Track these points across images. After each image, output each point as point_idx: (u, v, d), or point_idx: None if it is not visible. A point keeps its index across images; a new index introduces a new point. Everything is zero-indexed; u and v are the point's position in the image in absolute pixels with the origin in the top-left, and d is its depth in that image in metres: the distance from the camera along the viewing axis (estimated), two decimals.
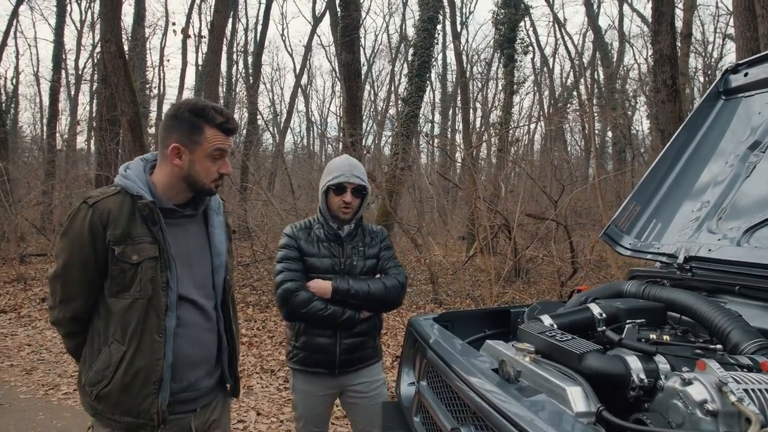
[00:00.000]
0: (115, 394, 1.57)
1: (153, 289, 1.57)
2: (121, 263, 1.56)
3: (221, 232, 1.79)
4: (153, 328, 1.57)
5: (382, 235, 2.54)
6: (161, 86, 24.60)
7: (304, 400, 2.43)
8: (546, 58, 23.53)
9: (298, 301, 2.28)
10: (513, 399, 1.14)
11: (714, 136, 2.32)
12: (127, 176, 1.62)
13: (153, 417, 1.57)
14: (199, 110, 1.61)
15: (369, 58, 29.53)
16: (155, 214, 1.57)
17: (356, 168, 2.41)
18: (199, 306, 1.69)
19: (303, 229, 2.46)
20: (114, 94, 8.17)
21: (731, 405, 0.95)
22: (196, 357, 1.68)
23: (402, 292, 2.41)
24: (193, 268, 1.70)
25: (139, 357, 1.56)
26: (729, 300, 1.82)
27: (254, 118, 19.46)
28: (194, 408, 1.71)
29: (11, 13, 18.50)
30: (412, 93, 12.63)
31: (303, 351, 2.39)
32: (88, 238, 1.55)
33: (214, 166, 1.65)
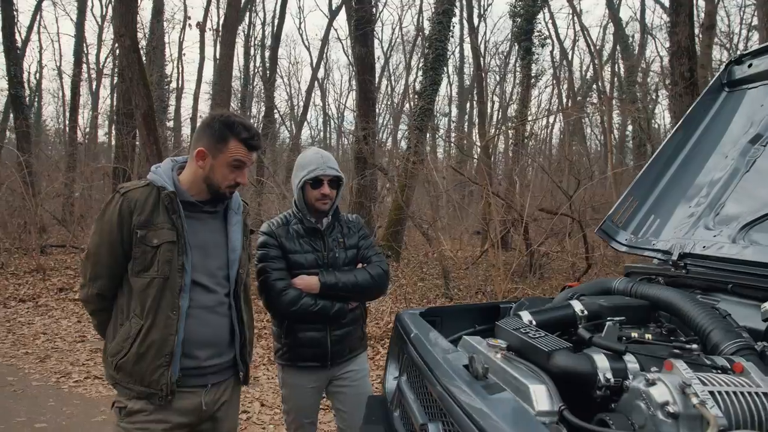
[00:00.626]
0: (130, 363, 1.74)
1: (169, 270, 1.75)
2: (143, 245, 1.75)
3: (238, 230, 1.95)
4: (168, 305, 1.75)
5: (359, 224, 2.54)
6: (180, 80, 24.88)
7: (294, 393, 2.43)
8: (565, 50, 23.16)
9: (288, 300, 2.26)
10: (476, 396, 1.12)
11: (716, 130, 2.25)
12: (156, 172, 1.85)
13: (162, 387, 1.73)
14: (229, 124, 1.81)
15: (386, 52, 29.43)
16: (175, 204, 1.77)
17: (329, 160, 2.41)
18: (211, 290, 1.85)
19: (281, 225, 2.42)
20: (128, 88, 8.27)
21: (693, 407, 0.92)
22: (205, 337, 1.84)
23: (387, 279, 2.43)
24: (208, 258, 1.87)
25: (154, 330, 1.74)
26: (722, 298, 1.76)
27: (270, 112, 19.53)
28: (205, 384, 1.86)
29: (34, 8, 18.89)
30: (427, 87, 12.53)
31: (293, 347, 2.38)
32: (117, 222, 1.76)
33: (232, 175, 1.83)
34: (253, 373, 5.29)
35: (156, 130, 8.24)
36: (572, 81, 21.81)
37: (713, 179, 2.08)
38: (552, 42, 22.32)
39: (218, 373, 1.90)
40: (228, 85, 9.12)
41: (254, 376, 5.18)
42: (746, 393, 0.97)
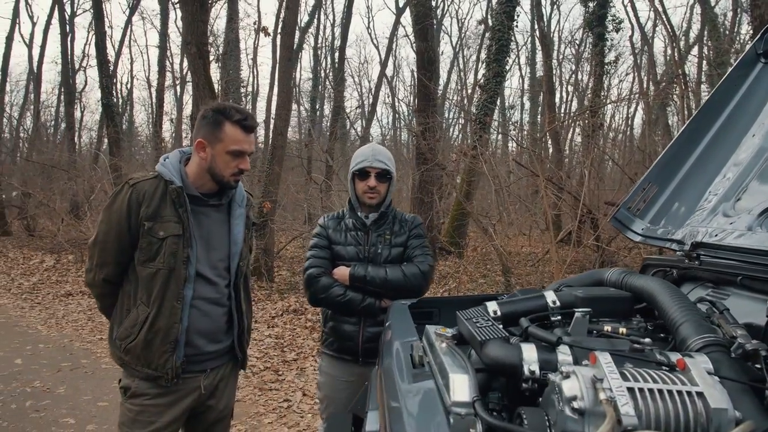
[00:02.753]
0: (139, 348, 1.84)
1: (175, 262, 1.82)
2: (150, 237, 1.82)
3: (241, 222, 2.01)
4: (173, 295, 1.83)
5: (414, 224, 2.51)
6: (255, 84, 26.00)
7: (328, 382, 2.50)
8: (646, 34, 21.65)
9: (319, 287, 2.36)
10: (401, 384, 1.08)
11: (750, 106, 2.01)
12: (164, 164, 1.89)
13: (168, 371, 1.84)
14: (221, 109, 1.86)
15: (455, 46, 29.03)
16: (182, 198, 1.83)
17: (380, 153, 2.43)
18: (212, 282, 1.93)
19: (334, 218, 2.54)
20: (195, 93, 8.77)
21: (600, 404, 0.83)
22: (204, 326, 1.92)
23: (423, 280, 2.36)
24: (210, 250, 1.94)
25: (160, 319, 1.82)
26: (733, 292, 1.58)
27: (338, 111, 19.94)
28: (204, 369, 1.96)
29: (125, 23, 20.55)
30: (490, 79, 12.22)
31: (330, 336, 2.47)
32: (126, 212, 1.83)
33: (234, 162, 1.87)
34: (301, 364, 5.45)
35: None
36: (653, 67, 20.36)
37: (738, 161, 1.86)
38: (632, 26, 20.98)
39: (216, 358, 2.00)
40: (288, 86, 9.40)
41: (301, 367, 5.34)
42: (674, 391, 0.86)
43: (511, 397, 1.15)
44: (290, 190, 12.68)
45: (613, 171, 15.74)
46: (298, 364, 5.45)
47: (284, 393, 4.67)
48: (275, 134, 9.38)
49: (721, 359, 1.03)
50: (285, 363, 5.51)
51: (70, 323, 6.93)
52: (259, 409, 4.33)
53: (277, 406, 4.40)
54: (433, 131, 10.42)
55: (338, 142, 20.84)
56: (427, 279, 2.38)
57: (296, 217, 14.47)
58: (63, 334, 6.41)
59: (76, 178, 14.07)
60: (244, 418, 4.14)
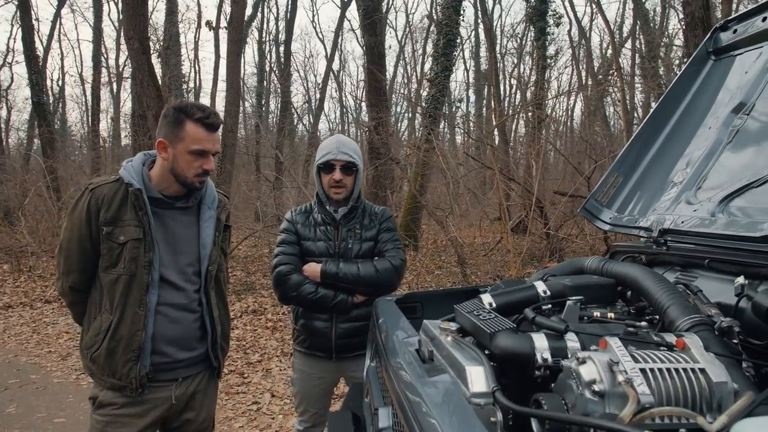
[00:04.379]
0: (103, 357, 1.78)
1: (136, 268, 1.76)
2: (110, 242, 1.77)
3: (210, 225, 1.94)
4: (135, 302, 1.77)
5: (384, 217, 2.46)
6: (197, 79, 25.19)
7: (301, 378, 2.47)
8: (583, 29, 22.58)
9: (290, 284, 2.30)
10: (416, 378, 1.11)
11: (703, 100, 2.16)
12: (126, 167, 1.83)
13: (132, 381, 1.77)
14: (182, 107, 1.79)
15: (401, 40, 29.23)
16: (141, 201, 1.77)
17: (344, 145, 2.36)
18: (179, 288, 1.86)
19: (302, 213, 2.47)
20: (139, 90, 8.41)
21: (619, 385, 0.89)
22: (174, 334, 1.85)
23: (395, 275, 2.34)
24: (177, 254, 1.87)
25: (123, 326, 1.76)
26: (701, 274, 1.71)
27: (286, 107, 19.63)
28: (175, 378, 1.88)
29: (53, 16, 19.32)
30: (438, 73, 12.39)
31: (302, 334, 2.43)
32: (85, 218, 1.78)
33: (197, 162, 1.80)
34: (266, 365, 5.38)
35: None
36: (591, 60, 21.29)
37: (697, 152, 2.00)
38: (570, 21, 21.82)
39: (189, 367, 1.92)
40: (237, 82, 9.19)
41: (267, 369, 5.27)
42: (680, 369, 0.94)
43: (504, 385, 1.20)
44: (241, 188, 12.42)
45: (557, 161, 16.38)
46: (263, 366, 5.38)
47: (252, 396, 4.60)
48: (225, 132, 9.15)
49: (708, 337, 1.12)
50: (249, 365, 5.43)
51: (13, 337, 6.52)
52: (227, 413, 4.25)
53: (246, 409, 4.33)
54: (386, 125, 10.48)
55: (287, 138, 20.54)
56: (399, 273, 2.36)
57: (247, 215, 14.20)
58: (6, 350, 6.02)
59: (7, 182, 13.19)
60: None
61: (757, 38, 2.00)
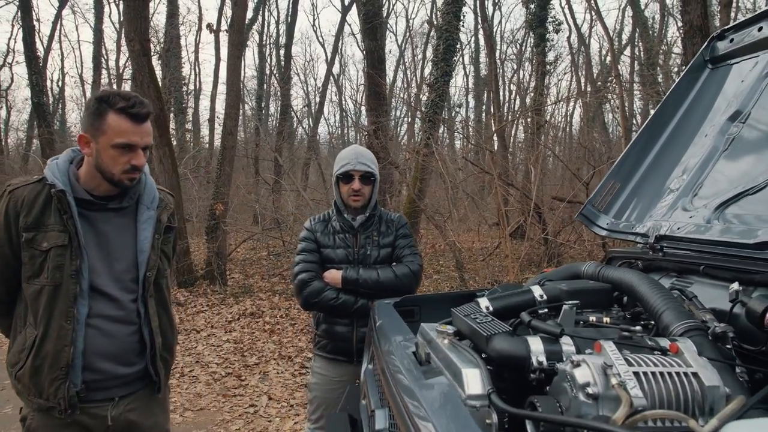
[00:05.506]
0: (27, 375, 1.62)
1: (61, 277, 1.59)
2: (32, 249, 1.59)
3: (149, 227, 1.75)
4: (61, 314, 1.59)
5: (400, 223, 2.54)
6: (197, 81, 25.23)
7: (321, 383, 2.50)
8: (582, 36, 22.68)
9: (311, 291, 2.36)
10: (413, 380, 1.12)
11: (700, 108, 2.18)
12: (50, 166, 1.65)
13: (60, 401, 1.59)
14: (103, 97, 1.60)
15: (401, 44, 29.33)
16: (64, 203, 1.59)
17: (363, 156, 2.45)
18: (114, 299, 1.68)
19: (321, 221, 2.54)
20: (139, 92, 8.43)
21: (612, 388, 0.90)
22: (107, 348, 1.67)
23: (414, 280, 2.42)
24: (112, 260, 1.69)
25: (48, 342, 1.59)
26: (696, 281, 1.72)
27: (286, 110, 19.67)
28: (111, 397, 1.71)
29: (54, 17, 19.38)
30: (438, 78, 12.44)
31: (324, 338, 2.48)
32: (4, 222, 1.61)
33: (123, 158, 1.61)
34: (263, 368, 5.38)
35: (168, 132, 8.40)
36: (590, 66, 21.38)
37: (693, 159, 2.02)
38: (569, 27, 21.92)
39: (126, 385, 1.74)
40: (237, 85, 9.21)
41: (264, 371, 5.27)
42: (673, 373, 0.95)
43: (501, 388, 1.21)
44: (240, 190, 12.43)
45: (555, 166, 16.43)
46: (261, 368, 5.38)
47: (249, 398, 4.60)
48: (225, 134, 9.16)
49: (702, 342, 1.14)
50: (247, 368, 5.42)
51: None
52: (224, 416, 4.24)
53: (243, 412, 4.33)
54: (385, 130, 10.51)
55: (286, 141, 20.57)
56: (417, 278, 2.45)
57: (245, 218, 14.20)
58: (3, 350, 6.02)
59: (5, 182, 13.17)
60: (210, 426, 4.05)
61: (753, 47, 2.02)
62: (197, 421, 4.14)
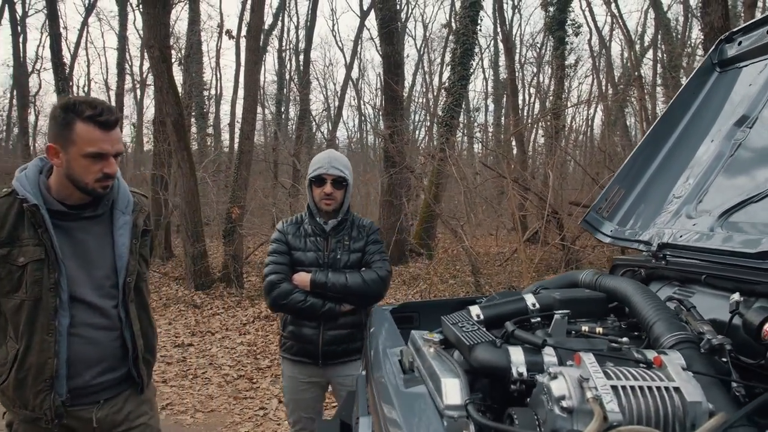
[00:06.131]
0: (12, 388, 1.63)
1: (40, 291, 1.58)
2: (8, 265, 1.58)
3: (125, 233, 1.74)
4: (42, 328, 1.59)
5: (371, 230, 2.56)
6: (218, 87, 25.60)
7: (290, 385, 2.53)
8: (604, 39, 22.37)
9: (279, 293, 2.37)
10: (392, 389, 1.11)
11: (708, 113, 2.13)
12: (19, 178, 1.61)
13: (46, 412, 1.61)
14: (69, 106, 1.57)
15: (420, 49, 29.33)
16: (38, 217, 1.57)
17: (336, 160, 2.45)
18: (95, 306, 1.69)
19: (293, 224, 2.55)
20: (159, 97, 8.59)
21: (587, 402, 0.88)
22: (91, 356, 1.68)
23: (381, 285, 2.42)
24: (91, 268, 1.69)
25: (30, 355, 1.59)
26: (698, 290, 1.68)
27: (304, 115, 19.83)
28: (97, 400, 1.72)
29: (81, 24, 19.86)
30: (455, 82, 12.40)
31: (290, 340, 2.49)
32: None
33: (95, 166, 1.59)
34: (275, 371, 5.40)
35: (186, 137, 8.54)
36: (611, 69, 21.07)
37: (699, 165, 1.97)
38: (589, 30, 21.66)
39: (111, 388, 1.76)
40: (254, 90, 9.32)
41: (276, 374, 5.29)
42: (653, 388, 0.92)
43: (494, 398, 1.19)
44: (258, 194, 12.55)
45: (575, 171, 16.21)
46: (273, 371, 5.41)
47: (259, 401, 4.63)
48: (242, 138, 9.28)
49: (692, 355, 1.10)
50: (259, 370, 5.46)
51: None
52: (234, 418, 4.28)
53: (252, 414, 4.35)
54: (401, 134, 10.51)
55: (305, 145, 20.73)
56: (386, 284, 2.45)
57: (264, 221, 14.33)
58: None
59: None
60: (220, 428, 4.09)
61: (762, 50, 1.96)
62: (207, 423, 4.18)
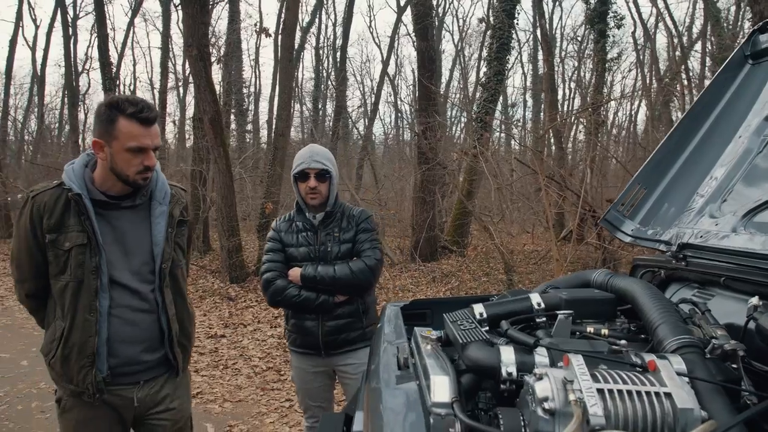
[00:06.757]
0: (59, 364, 1.78)
1: (83, 273, 1.73)
2: (56, 249, 1.73)
3: (162, 222, 1.87)
4: (85, 307, 1.74)
5: (361, 218, 2.57)
6: (258, 84, 26.06)
7: (298, 375, 2.62)
8: (648, 30, 21.57)
9: (275, 289, 2.44)
10: (384, 385, 1.12)
11: (738, 107, 2.03)
12: (67, 171, 1.77)
13: (88, 387, 1.76)
14: (113, 103, 1.71)
15: (457, 44, 29.03)
16: (81, 206, 1.72)
17: (317, 154, 2.49)
18: (133, 290, 1.82)
19: (285, 221, 2.61)
20: (197, 95, 8.83)
21: (570, 404, 0.86)
22: (129, 336, 1.81)
23: (370, 275, 2.44)
24: (130, 254, 1.83)
25: (74, 333, 1.75)
26: (718, 293, 1.61)
27: (340, 111, 19.97)
28: (137, 381, 1.86)
29: (127, 25, 20.63)
30: (491, 77, 12.23)
31: (294, 333, 2.56)
32: (29, 226, 1.75)
33: (136, 159, 1.73)
34: None
35: (223, 134, 8.74)
36: (656, 62, 20.30)
37: (725, 162, 1.88)
38: (634, 22, 20.93)
39: (150, 369, 1.88)
40: (289, 87, 9.45)
41: None
42: (643, 392, 0.89)
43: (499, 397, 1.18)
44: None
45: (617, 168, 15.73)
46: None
47: (286, 393, 4.72)
48: (276, 135, 9.43)
49: (695, 360, 1.06)
50: (287, 363, 5.55)
51: None
52: (261, 408, 4.38)
53: (279, 405, 4.44)
54: (433, 130, 10.44)
55: (341, 141, 20.88)
56: (374, 273, 2.46)
57: None
58: None
59: None
60: (246, 418, 4.19)
61: None
62: (235, 412, 4.29)
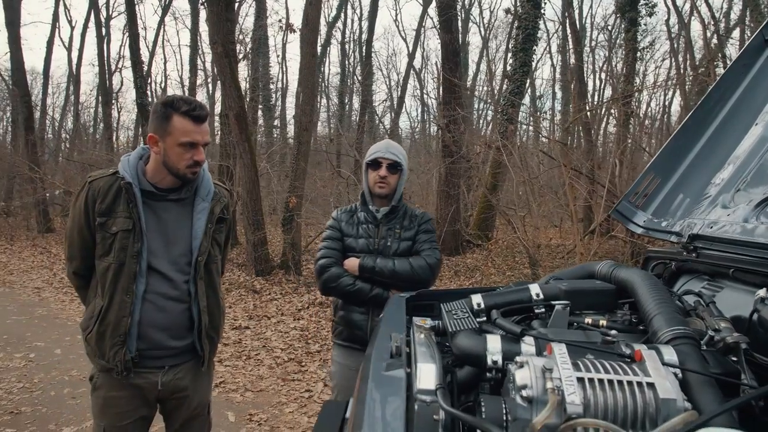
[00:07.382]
0: (94, 339, 1.89)
1: (125, 257, 1.85)
2: (103, 232, 1.87)
3: (203, 217, 1.99)
4: (123, 289, 1.85)
5: (423, 219, 2.60)
6: (284, 80, 26.32)
7: (340, 372, 2.57)
8: (683, 17, 20.86)
9: (329, 276, 2.46)
10: (372, 372, 1.13)
11: (757, 94, 1.96)
12: (122, 161, 1.92)
13: (117, 364, 1.86)
14: (168, 102, 1.84)
15: (484, 35, 28.69)
16: (131, 194, 1.86)
17: (393, 147, 2.55)
18: (169, 279, 1.92)
19: (347, 212, 2.65)
20: (223, 92, 8.97)
21: (546, 392, 0.86)
22: (160, 321, 1.92)
23: (429, 273, 2.44)
24: (170, 244, 1.94)
25: (111, 312, 1.86)
26: (728, 285, 1.57)
27: (366, 106, 20.00)
28: (162, 365, 1.96)
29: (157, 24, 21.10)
30: (517, 69, 12.05)
31: (340, 326, 2.55)
32: (84, 209, 1.88)
33: (187, 154, 1.86)
34: (324, 356, 5.56)
35: (248, 130, 8.86)
36: (691, 51, 19.61)
37: (741, 151, 1.82)
38: (668, 9, 20.28)
39: (175, 356, 1.98)
40: (312, 82, 9.51)
41: (324, 359, 5.45)
42: (624, 382, 0.88)
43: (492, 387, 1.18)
44: (317, 184, 12.85)
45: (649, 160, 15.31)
46: (322, 356, 5.57)
47: (306, 384, 4.79)
48: (300, 130, 9.51)
49: (688, 351, 1.04)
50: (308, 354, 5.64)
51: None
52: (281, 398, 4.46)
53: (298, 396, 4.52)
54: (457, 124, 10.36)
55: (366, 136, 20.93)
56: (434, 271, 2.46)
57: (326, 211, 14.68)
58: None
59: None
60: (266, 407, 4.28)
61: None
62: (256, 402, 4.38)
